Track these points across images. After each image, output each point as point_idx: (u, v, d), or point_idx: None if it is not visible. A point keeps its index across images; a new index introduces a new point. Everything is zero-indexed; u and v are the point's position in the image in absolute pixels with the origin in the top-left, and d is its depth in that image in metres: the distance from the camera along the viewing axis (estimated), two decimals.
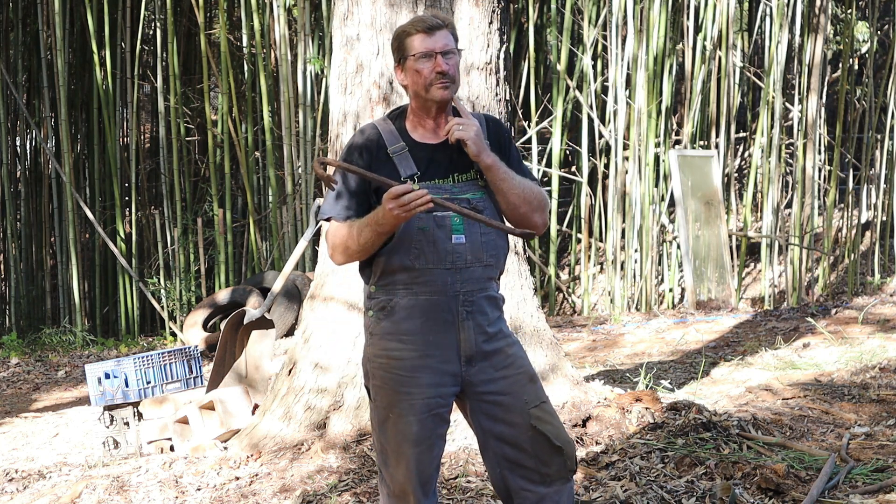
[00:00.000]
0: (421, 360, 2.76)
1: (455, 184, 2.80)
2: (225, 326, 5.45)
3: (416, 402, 2.77)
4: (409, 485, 2.80)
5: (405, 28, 2.82)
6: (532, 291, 4.75)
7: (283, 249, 10.57)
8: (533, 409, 2.81)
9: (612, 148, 10.63)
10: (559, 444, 2.83)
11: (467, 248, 2.78)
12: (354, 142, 2.84)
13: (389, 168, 2.77)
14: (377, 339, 2.80)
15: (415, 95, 2.82)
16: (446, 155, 2.82)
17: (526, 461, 2.82)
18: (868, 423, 4.79)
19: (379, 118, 2.92)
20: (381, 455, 2.85)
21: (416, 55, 2.77)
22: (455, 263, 2.77)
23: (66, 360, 9.24)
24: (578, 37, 11.62)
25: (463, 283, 2.78)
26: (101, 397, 5.27)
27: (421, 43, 2.77)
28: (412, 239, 2.74)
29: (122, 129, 12.36)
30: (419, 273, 2.75)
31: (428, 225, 2.74)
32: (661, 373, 6.40)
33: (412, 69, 2.79)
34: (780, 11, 10.63)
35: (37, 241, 12.13)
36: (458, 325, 2.78)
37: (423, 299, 2.76)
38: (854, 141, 12.22)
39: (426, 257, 2.75)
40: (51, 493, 4.40)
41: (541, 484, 2.83)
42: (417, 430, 2.77)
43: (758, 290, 11.35)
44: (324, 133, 10.27)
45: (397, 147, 2.80)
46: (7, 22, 11.86)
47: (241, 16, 11.23)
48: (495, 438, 2.83)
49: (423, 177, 2.77)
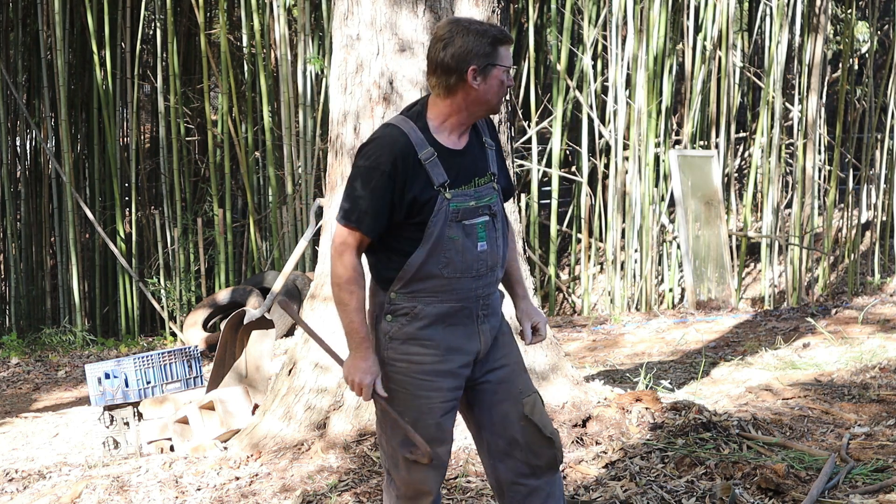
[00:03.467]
0: (442, 365, 2.76)
1: (476, 188, 2.77)
2: (225, 326, 5.45)
3: (435, 405, 2.77)
4: (426, 484, 2.82)
5: (497, 35, 2.70)
6: (532, 291, 4.75)
7: (283, 249, 10.57)
8: (526, 399, 2.85)
9: (612, 148, 10.63)
10: (549, 435, 2.86)
11: (488, 255, 2.78)
12: (390, 150, 2.68)
13: (423, 176, 2.69)
14: (398, 343, 2.76)
15: (479, 102, 2.72)
16: (468, 160, 2.78)
17: (517, 453, 2.84)
18: (868, 423, 4.79)
19: (398, 118, 2.77)
20: (391, 459, 2.83)
21: (508, 68, 2.70)
22: (479, 271, 2.77)
23: (66, 360, 9.24)
24: (578, 37, 11.62)
25: (482, 288, 2.79)
26: (101, 397, 5.27)
27: (509, 56, 2.72)
28: (444, 248, 2.71)
29: (122, 129, 12.35)
30: (447, 282, 2.73)
31: (458, 234, 2.72)
32: (661, 373, 6.40)
33: (497, 78, 2.70)
34: (780, 11, 10.62)
35: (37, 241, 12.13)
36: (477, 329, 2.80)
37: (447, 306, 2.75)
38: (854, 141, 12.22)
39: (454, 266, 2.73)
40: (51, 493, 4.40)
41: (531, 476, 2.86)
42: (435, 431, 2.78)
43: (758, 290, 11.35)
44: (324, 133, 10.27)
45: (427, 153, 2.70)
46: (7, 22, 11.86)
47: (241, 16, 11.23)
48: (488, 430, 2.85)
49: (452, 184, 2.71)
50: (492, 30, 2.71)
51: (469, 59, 2.67)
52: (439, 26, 2.74)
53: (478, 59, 2.67)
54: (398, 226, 2.71)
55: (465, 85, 2.69)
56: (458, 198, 2.71)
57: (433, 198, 2.69)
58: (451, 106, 2.73)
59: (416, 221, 2.70)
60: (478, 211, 2.76)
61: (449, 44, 2.68)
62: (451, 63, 2.68)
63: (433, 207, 2.69)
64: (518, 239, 4.76)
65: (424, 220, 2.69)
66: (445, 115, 2.74)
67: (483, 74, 2.69)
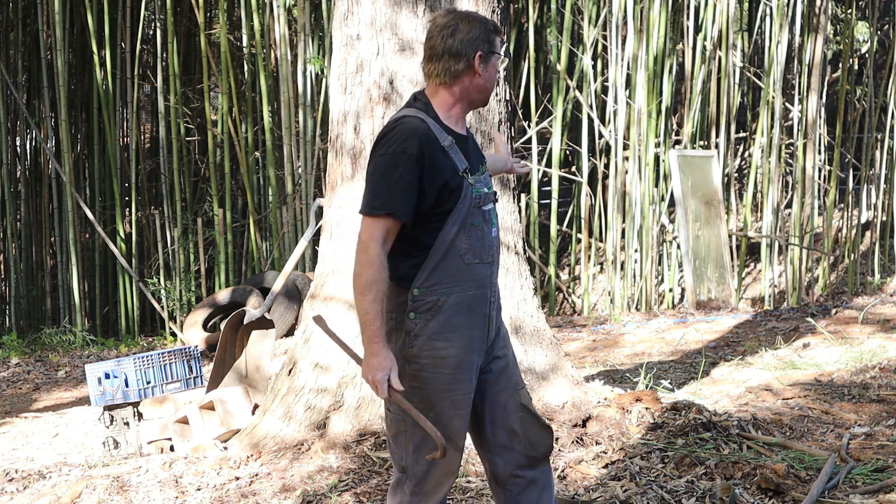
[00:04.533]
0: (466, 357, 2.76)
1: (482, 174, 2.81)
2: (225, 326, 5.45)
3: (458, 398, 2.76)
4: (445, 478, 2.82)
5: (493, 26, 2.75)
6: (532, 291, 4.75)
7: (283, 249, 10.57)
8: (521, 390, 2.88)
9: (612, 148, 10.63)
10: (546, 425, 2.89)
11: (496, 241, 2.83)
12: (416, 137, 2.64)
13: (449, 163, 2.69)
14: (423, 339, 2.73)
15: (480, 90, 2.76)
16: (473, 146, 2.84)
17: (517, 445, 2.85)
18: (868, 423, 4.79)
19: (410, 110, 2.74)
20: (412, 455, 2.78)
21: (503, 57, 2.75)
22: (492, 256, 2.80)
23: (66, 360, 9.24)
24: (578, 37, 11.62)
25: (493, 275, 2.82)
26: (101, 397, 5.27)
27: (502, 46, 2.77)
28: (466, 234, 2.72)
29: (122, 129, 12.36)
30: (467, 268, 2.73)
31: (479, 220, 2.74)
32: (661, 373, 6.40)
33: (495, 67, 2.74)
34: (780, 11, 10.63)
35: (37, 241, 12.13)
36: (489, 317, 2.81)
37: (469, 294, 2.75)
38: (854, 141, 12.22)
39: (475, 251, 2.74)
40: (51, 493, 4.39)
41: (528, 468, 2.88)
42: (458, 425, 2.78)
43: (758, 290, 11.35)
44: (324, 133, 10.27)
45: (448, 141, 2.71)
46: (7, 22, 11.86)
47: (241, 16, 11.23)
48: (489, 422, 2.86)
49: (471, 170, 2.75)
50: (489, 19, 2.79)
51: (476, 45, 2.71)
52: (437, 15, 2.77)
53: (483, 46, 2.72)
54: (422, 216, 2.67)
55: (471, 71, 2.72)
56: (478, 184, 2.76)
57: (461, 184, 2.71)
58: (456, 94, 2.75)
59: (442, 210, 2.68)
60: (489, 196, 2.81)
61: (456, 30, 2.71)
62: (460, 49, 2.70)
63: (460, 194, 2.70)
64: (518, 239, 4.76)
65: (450, 207, 2.69)
66: (450, 104, 2.75)
67: (486, 61, 2.74)
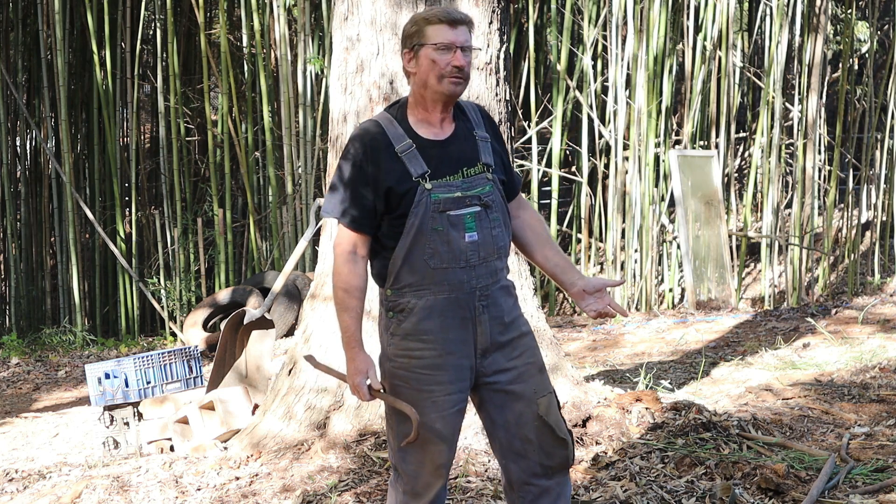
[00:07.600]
0: (441, 359, 2.76)
1: (465, 178, 2.76)
2: (225, 326, 5.45)
3: (439, 399, 2.77)
4: (434, 479, 2.83)
5: (427, 15, 2.74)
6: (532, 291, 4.75)
7: (283, 249, 10.57)
8: (541, 399, 2.83)
9: (612, 148, 10.63)
10: (563, 436, 2.85)
11: (479, 246, 2.77)
12: (361, 141, 2.75)
13: (399, 168, 2.71)
14: (398, 339, 2.77)
15: (422, 85, 2.75)
16: (455, 149, 2.78)
17: (531, 453, 2.84)
18: (868, 423, 4.79)
19: (379, 114, 2.83)
20: (399, 453, 2.84)
21: (438, 45, 2.70)
22: (469, 261, 2.76)
23: (66, 360, 9.24)
24: (578, 37, 11.62)
25: (478, 279, 2.78)
26: (101, 397, 5.27)
27: (443, 34, 2.71)
28: (427, 239, 2.72)
29: (122, 129, 12.35)
30: (435, 273, 2.73)
31: (442, 225, 2.72)
32: (662, 373, 6.40)
33: (427, 58, 2.72)
34: (780, 11, 10.63)
35: (37, 241, 12.13)
36: (474, 321, 2.78)
37: (441, 298, 2.74)
38: (854, 141, 12.22)
39: (441, 256, 2.73)
40: (51, 494, 4.39)
41: (543, 477, 2.86)
42: (441, 426, 2.78)
43: (758, 290, 11.35)
44: (324, 133, 10.27)
45: (405, 146, 2.72)
46: (7, 22, 11.86)
47: (241, 16, 11.23)
48: (503, 428, 2.84)
49: (433, 174, 2.72)
50: (427, 11, 2.79)
51: (403, 44, 2.77)
52: None
53: (409, 43, 2.76)
54: (383, 220, 2.75)
55: (411, 71, 2.77)
56: (441, 188, 2.72)
57: (412, 189, 2.70)
58: (414, 93, 2.80)
59: (398, 214, 2.72)
60: (464, 201, 2.75)
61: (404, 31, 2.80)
62: (401, 49, 2.79)
63: (413, 199, 2.70)
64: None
65: (405, 212, 2.71)
66: (412, 104, 2.80)
67: (415, 57, 2.75)
